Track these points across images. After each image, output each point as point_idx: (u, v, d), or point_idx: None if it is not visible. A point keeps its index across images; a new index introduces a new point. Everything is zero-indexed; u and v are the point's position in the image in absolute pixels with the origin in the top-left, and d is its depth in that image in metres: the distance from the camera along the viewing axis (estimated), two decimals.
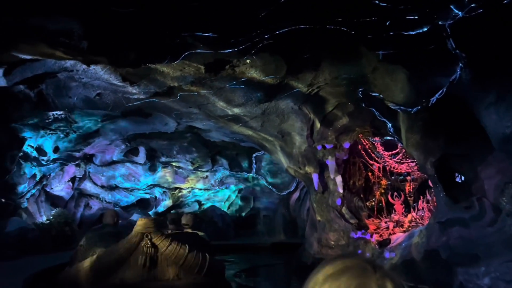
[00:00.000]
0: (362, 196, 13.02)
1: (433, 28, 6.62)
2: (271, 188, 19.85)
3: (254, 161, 19.05)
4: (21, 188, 12.99)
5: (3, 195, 11.93)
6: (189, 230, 7.48)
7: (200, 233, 7.54)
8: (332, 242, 12.13)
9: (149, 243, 6.18)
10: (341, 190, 12.29)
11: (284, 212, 20.20)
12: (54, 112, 11.34)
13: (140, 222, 6.56)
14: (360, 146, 12.40)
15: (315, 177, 12.40)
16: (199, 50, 7.27)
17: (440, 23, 6.49)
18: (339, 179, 12.27)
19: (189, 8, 5.70)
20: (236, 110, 10.31)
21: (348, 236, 11.80)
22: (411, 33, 6.85)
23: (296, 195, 19.96)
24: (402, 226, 11.33)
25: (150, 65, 7.73)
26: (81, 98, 10.04)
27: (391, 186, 13.29)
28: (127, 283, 5.99)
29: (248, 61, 8.13)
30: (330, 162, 12.03)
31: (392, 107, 8.66)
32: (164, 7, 5.60)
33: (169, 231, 7.42)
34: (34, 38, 5.76)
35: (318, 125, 11.28)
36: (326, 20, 6.51)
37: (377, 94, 8.83)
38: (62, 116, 11.65)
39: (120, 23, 5.65)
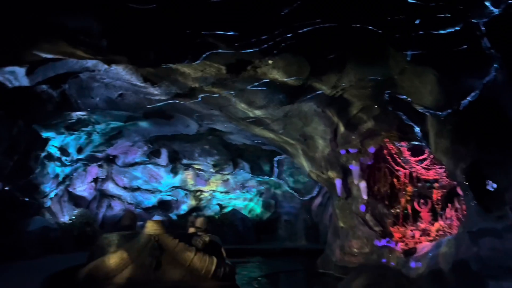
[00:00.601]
0: (387, 203, 12.58)
1: (466, 27, 6.27)
2: (292, 192, 19.58)
3: (276, 165, 18.81)
4: (45, 187, 13.11)
5: (27, 194, 12.05)
6: (202, 233, 7.55)
7: (212, 236, 7.61)
8: (355, 250, 11.76)
9: (156, 245, 6.44)
10: (365, 196, 11.94)
11: (306, 217, 19.87)
12: (77, 113, 11.39)
13: (148, 225, 6.90)
14: (385, 151, 11.98)
15: (338, 182, 12.09)
16: (220, 50, 7.12)
17: (473, 21, 6.14)
18: (363, 184, 11.92)
19: (209, 5, 5.55)
20: (258, 113, 10.11)
21: (372, 243, 11.41)
22: (442, 32, 6.51)
23: (318, 200, 19.62)
24: (428, 234, 10.86)
25: (170, 65, 7.62)
26: (103, 98, 10.04)
27: (417, 193, 12.78)
28: (133, 282, 6.20)
29: (270, 61, 7.92)
30: (354, 167, 11.70)
31: (420, 110, 8.30)
32: (184, 5, 5.45)
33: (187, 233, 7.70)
34: (54, 37, 5.71)
35: (342, 128, 10.96)
36: (351, 18, 6.25)
37: (405, 96, 8.48)
38: (85, 117, 11.70)
39: (139, 21, 5.54)
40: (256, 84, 8.65)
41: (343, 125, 10.83)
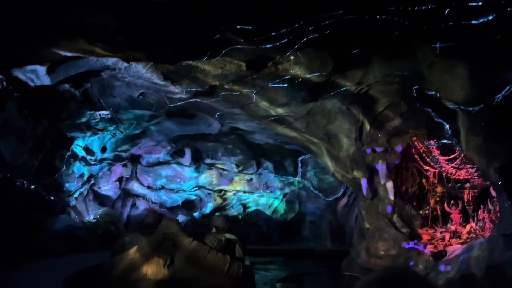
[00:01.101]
0: (415, 203, 12.14)
1: (500, 16, 5.87)
2: (317, 193, 19.21)
3: (300, 165, 18.54)
4: (70, 186, 13.26)
5: (52, 193, 12.20)
6: (218, 233, 7.85)
7: (230, 236, 7.87)
8: (382, 252, 11.36)
9: (171, 243, 6.67)
10: (392, 197, 11.52)
11: (331, 218, 19.45)
12: (101, 112, 11.45)
13: (163, 223, 7.25)
14: (413, 150, 11.53)
15: (363, 182, 11.71)
16: (239, 46, 6.95)
17: (508, 10, 5.74)
18: (390, 185, 11.50)
19: None
20: (280, 111, 9.89)
21: (399, 246, 11.00)
22: (473, 22, 6.13)
23: (344, 201, 19.19)
24: (459, 237, 10.37)
25: (190, 62, 7.50)
26: (125, 97, 10.03)
27: (447, 193, 12.28)
28: (149, 279, 6.46)
29: (291, 57, 7.70)
30: (381, 166, 11.30)
31: (451, 106, 7.89)
32: None
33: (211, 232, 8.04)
34: (72, 34, 5.67)
35: (367, 126, 10.61)
36: (376, 9, 5.95)
37: (434, 92, 8.09)
38: (109, 116, 11.76)
39: (156, 16, 5.42)
40: (278, 81, 8.44)
41: (368, 123, 10.48)
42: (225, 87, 8.69)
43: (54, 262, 10.42)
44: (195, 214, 18.26)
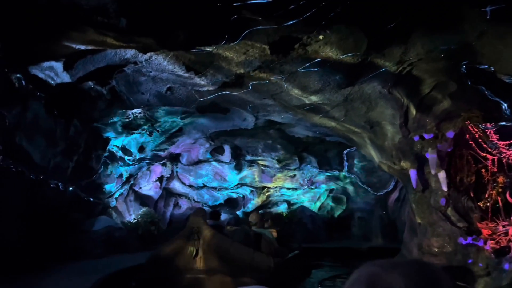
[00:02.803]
0: (472, 195, 10.94)
1: None
2: (365, 187, 18.22)
3: (345, 158, 17.63)
4: (109, 187, 13.27)
5: (91, 194, 12.22)
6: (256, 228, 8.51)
7: (260, 230, 8.47)
8: (436, 249, 10.31)
9: (196, 237, 7.15)
10: (445, 188, 10.42)
11: (381, 213, 18.42)
12: (133, 111, 11.29)
13: (190, 218, 7.82)
14: (467, 135, 10.37)
15: (412, 173, 10.70)
16: (260, 27, 6.37)
17: None
18: (442, 175, 10.41)
19: None
20: (314, 98, 9.17)
21: (455, 242, 9.93)
22: None
23: (395, 195, 18.09)
24: None
25: (210, 49, 7.00)
26: (153, 94, 9.75)
27: (510, 183, 10.99)
28: (180, 270, 7.12)
29: (320, 37, 7.00)
30: (431, 155, 10.24)
31: (508, 81, 6.88)
32: None
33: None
34: (77, 22, 5.35)
35: (413, 111, 9.64)
36: None
37: (486, 66, 7.11)
38: (141, 114, 11.58)
39: None
40: (308, 65, 7.75)
41: (414, 107, 9.52)
42: (252, 75, 8.12)
43: (92, 264, 10.37)
44: (238, 212, 17.86)
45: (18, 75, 7.13)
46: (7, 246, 8.20)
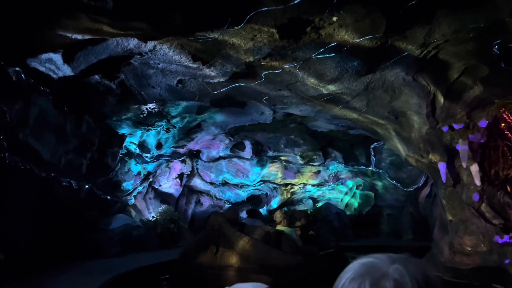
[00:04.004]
0: (509, 189, 10.08)
1: None
2: (395, 183, 17.38)
3: (372, 153, 16.87)
4: (127, 185, 13.08)
5: (108, 192, 12.04)
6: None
7: (286, 228, 8.38)
8: (469, 248, 9.56)
9: (217, 234, 7.47)
10: (478, 183, 9.62)
11: (412, 210, 17.56)
12: (147, 106, 11.01)
13: (211, 216, 8.15)
14: (502, 124, 9.52)
15: (442, 166, 9.94)
16: (266, 8, 5.88)
17: None
18: (475, 168, 9.61)
19: None
20: (332, 88, 8.59)
21: (490, 240, 9.16)
22: None
23: (426, 191, 17.17)
24: None
25: (215, 35, 6.56)
26: (164, 87, 9.42)
27: None
28: (202, 265, 7.45)
29: (334, 18, 6.43)
30: (462, 147, 9.47)
31: None
32: None
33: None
34: (67, 8, 5.02)
35: (441, 99, 8.93)
36: None
37: None
38: (156, 110, 11.29)
39: None
40: (322, 50, 7.19)
41: (442, 95, 8.80)
42: (263, 63, 7.63)
43: (107, 263, 10.16)
44: (261, 210, 17.38)
45: (17, 68, 6.94)
46: (19, 245, 8.06)
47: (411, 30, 6.89)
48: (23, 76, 7.04)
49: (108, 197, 12.01)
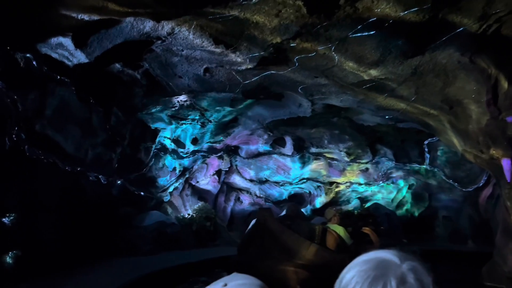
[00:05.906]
0: None
1: None
2: (451, 182, 15.87)
3: (426, 149, 15.49)
4: (162, 181, 12.72)
5: (142, 188, 11.71)
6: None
7: (335, 227, 8.05)
8: None
9: (261, 228, 7.59)
10: None
11: (471, 213, 15.97)
12: (179, 99, 10.53)
13: (257, 212, 8.35)
14: None
15: (506, 163, 8.66)
16: None
17: None
18: None
19: None
20: (374, 73, 7.62)
21: None
22: None
23: (488, 191, 15.54)
24: None
25: (227, 10, 5.85)
26: (191, 77, 8.86)
27: None
28: (251, 256, 7.57)
29: None
30: None
31: None
32: None
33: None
34: None
35: (504, 84, 7.67)
36: None
37: None
38: (188, 103, 10.79)
39: None
40: (360, 27, 6.28)
41: (506, 80, 7.54)
42: (293, 46, 6.82)
43: (137, 261, 9.77)
44: (304, 209, 16.50)
45: (27, 55, 6.61)
46: (42, 242, 7.79)
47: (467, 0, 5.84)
48: (34, 63, 6.74)
49: (142, 193, 11.67)
